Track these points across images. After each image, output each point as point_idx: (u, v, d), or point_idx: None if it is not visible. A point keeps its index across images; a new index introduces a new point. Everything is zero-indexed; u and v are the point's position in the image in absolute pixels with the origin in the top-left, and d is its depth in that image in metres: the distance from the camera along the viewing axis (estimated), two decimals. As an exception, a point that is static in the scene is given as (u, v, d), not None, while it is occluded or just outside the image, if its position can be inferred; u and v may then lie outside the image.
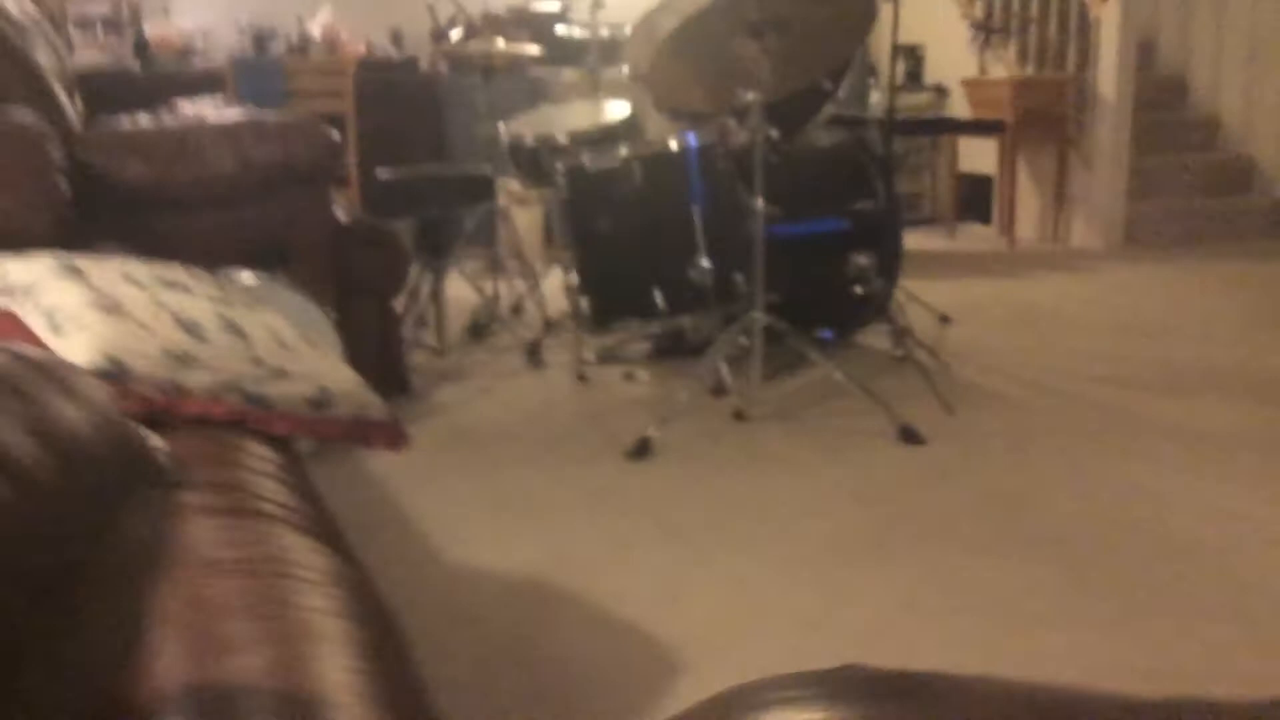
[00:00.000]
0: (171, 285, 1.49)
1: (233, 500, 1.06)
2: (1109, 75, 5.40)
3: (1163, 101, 6.08)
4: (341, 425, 1.44)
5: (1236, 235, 5.60)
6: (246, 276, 2.64)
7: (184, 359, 1.32)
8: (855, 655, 1.72)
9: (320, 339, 2.56)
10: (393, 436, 1.51)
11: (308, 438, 1.40)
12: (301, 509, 1.12)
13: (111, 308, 1.34)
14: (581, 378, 3.32)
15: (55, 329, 1.28)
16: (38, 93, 2.73)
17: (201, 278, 1.63)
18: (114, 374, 1.25)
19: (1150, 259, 5.18)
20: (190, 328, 1.38)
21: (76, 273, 1.41)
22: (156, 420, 1.24)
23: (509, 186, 4.54)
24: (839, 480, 2.51)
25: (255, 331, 1.46)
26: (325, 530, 1.12)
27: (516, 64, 5.17)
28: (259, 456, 1.23)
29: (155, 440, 0.74)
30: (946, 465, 2.59)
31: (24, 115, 2.53)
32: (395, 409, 2.63)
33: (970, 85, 5.86)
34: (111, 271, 1.46)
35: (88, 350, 1.26)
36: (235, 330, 1.43)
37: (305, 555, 0.98)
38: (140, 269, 1.51)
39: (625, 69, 4.28)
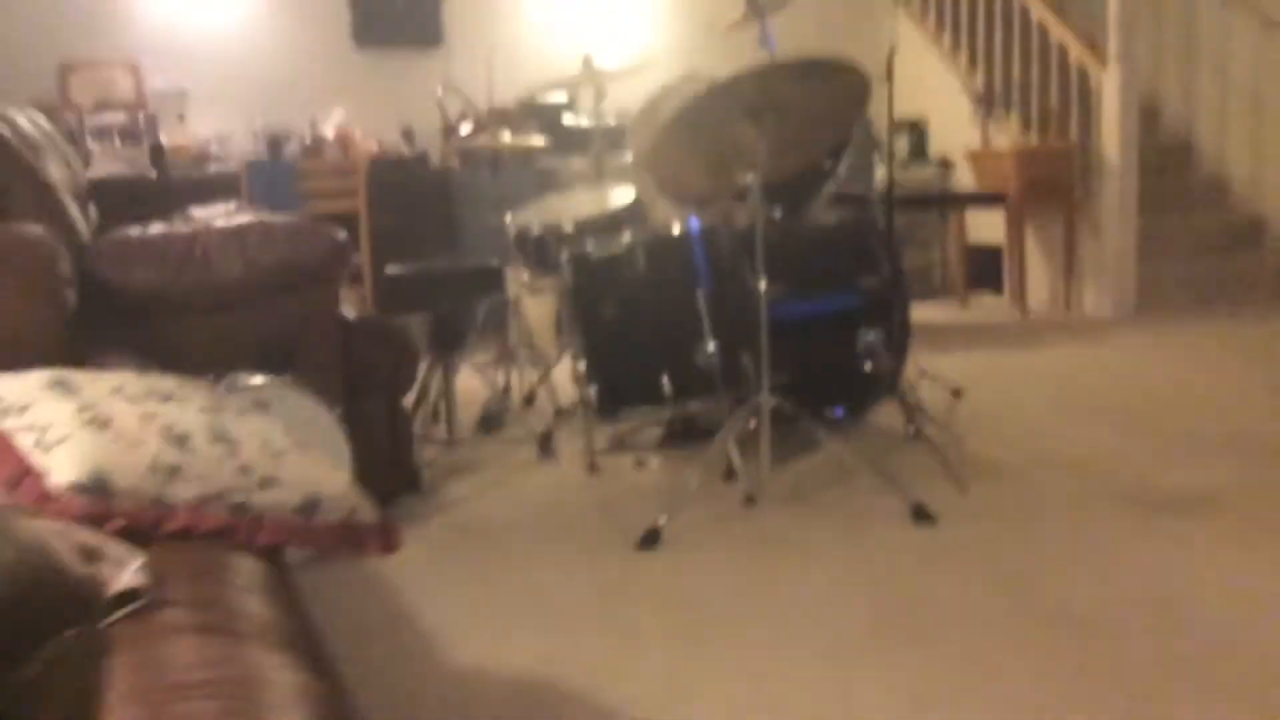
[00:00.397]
0: (164, 397, 1.50)
1: (208, 617, 1.05)
2: (1112, 141, 5.42)
3: (1169, 164, 6.10)
4: (331, 532, 1.44)
5: (1249, 294, 5.57)
6: (253, 379, 2.66)
7: (170, 472, 1.33)
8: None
9: (322, 441, 2.58)
10: (384, 541, 1.50)
11: (297, 547, 1.40)
12: (280, 624, 1.12)
13: (101, 423, 1.35)
14: (592, 467, 3.31)
15: (44, 446, 1.29)
16: (48, 207, 2.79)
17: (196, 387, 1.64)
18: (98, 490, 1.26)
19: (1163, 324, 5.15)
20: (178, 440, 1.39)
21: (68, 389, 1.43)
22: (140, 536, 1.24)
23: (519, 276, 4.58)
24: (851, 565, 2.48)
25: (245, 440, 1.46)
26: (303, 644, 1.11)
27: (525, 155, 5.26)
28: (241, 570, 1.23)
29: (126, 562, 0.74)
30: (960, 546, 2.55)
31: (33, 231, 2.58)
32: (400, 507, 2.63)
33: (974, 157, 5.90)
34: (104, 386, 1.48)
35: (73, 467, 1.27)
36: (225, 439, 1.44)
37: (277, 673, 0.97)
38: (134, 382, 1.53)
39: (629, 155, 4.34)
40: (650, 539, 2.67)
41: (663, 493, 3.00)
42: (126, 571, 1.02)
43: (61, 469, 1.27)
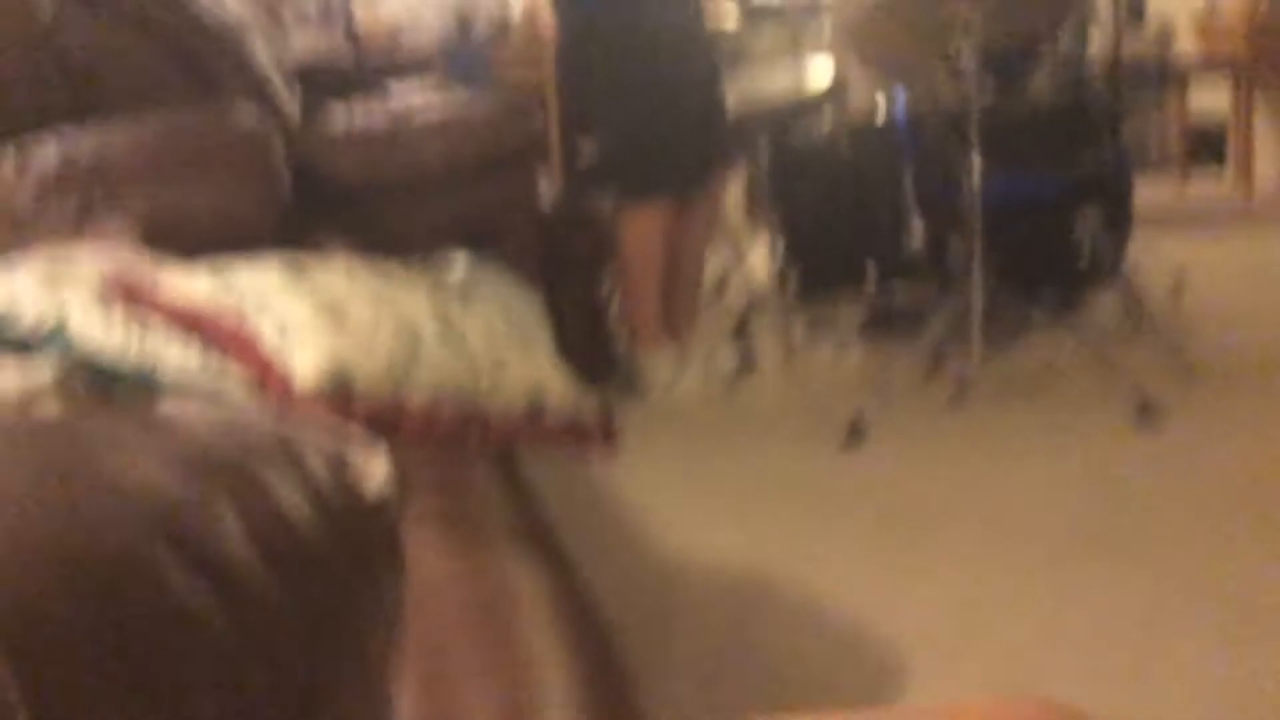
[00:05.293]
0: (392, 287, 1.51)
1: (455, 522, 1.06)
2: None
3: None
4: (557, 433, 1.43)
5: None
6: (460, 263, 2.69)
7: (405, 370, 1.34)
8: (1085, 671, 1.62)
9: (530, 329, 2.59)
10: (606, 439, 1.49)
11: (525, 445, 1.40)
12: (523, 525, 1.12)
13: (339, 318, 1.36)
14: (790, 353, 3.25)
15: (284, 342, 1.31)
16: (258, 92, 2.85)
17: (421, 277, 1.65)
18: (340, 390, 1.27)
19: None
20: (410, 336, 1.39)
21: (303, 277, 1.44)
22: (378, 435, 1.25)
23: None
24: (1070, 467, 2.37)
25: (471, 336, 1.46)
26: (547, 547, 1.11)
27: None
28: (479, 469, 1.23)
29: (381, 463, 0.73)
30: (1189, 449, 2.41)
31: (247, 115, 2.63)
32: (605, 402, 2.62)
33: (1199, 20, 5.43)
34: (338, 276, 1.49)
35: (314, 366, 1.28)
36: (453, 336, 1.43)
37: (528, 580, 0.96)
38: (363, 271, 1.54)
39: (828, 27, 4.14)
40: (855, 432, 2.61)
41: (865, 383, 2.93)
42: (377, 478, 1.03)
43: (303, 367, 1.28)
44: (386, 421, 1.28)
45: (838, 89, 3.50)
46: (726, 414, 2.89)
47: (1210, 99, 5.58)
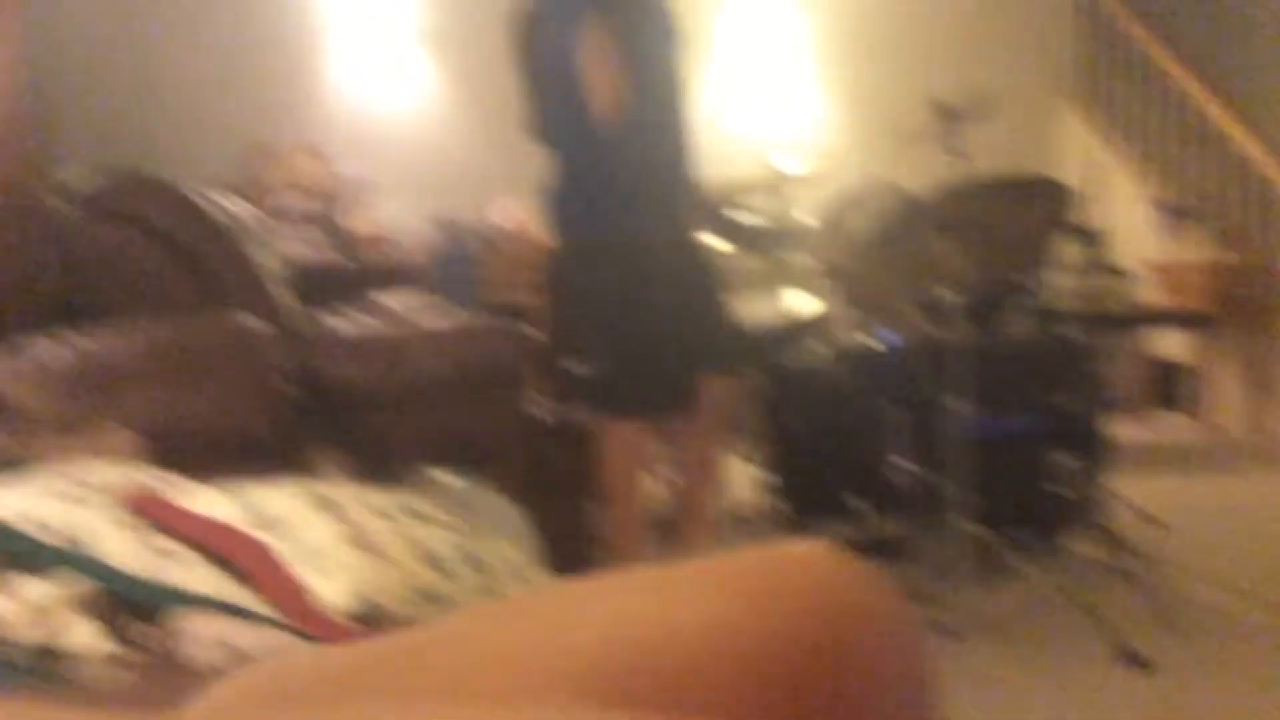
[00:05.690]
0: (414, 515, 1.49)
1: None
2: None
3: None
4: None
5: None
6: (449, 479, 2.68)
7: (432, 597, 1.32)
8: None
9: (524, 549, 2.56)
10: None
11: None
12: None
13: (364, 544, 1.34)
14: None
15: (317, 569, 1.29)
16: (258, 294, 2.88)
17: (438, 504, 1.64)
18: (369, 616, 1.24)
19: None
20: (434, 562, 1.38)
21: (329, 505, 1.43)
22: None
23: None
24: (1058, 706, 2.34)
25: (493, 564, 1.45)
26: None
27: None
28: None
29: None
30: (1178, 699, 2.39)
31: (250, 320, 2.66)
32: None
33: (1161, 269, 5.69)
34: (358, 502, 1.48)
35: (345, 592, 1.26)
36: (475, 563, 1.42)
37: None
38: (382, 498, 1.53)
39: (809, 261, 4.30)
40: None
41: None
42: None
43: (334, 594, 1.26)
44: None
45: (824, 320, 3.61)
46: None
47: (1167, 344, 5.80)
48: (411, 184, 5.98)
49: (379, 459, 2.53)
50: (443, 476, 2.60)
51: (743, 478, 3.61)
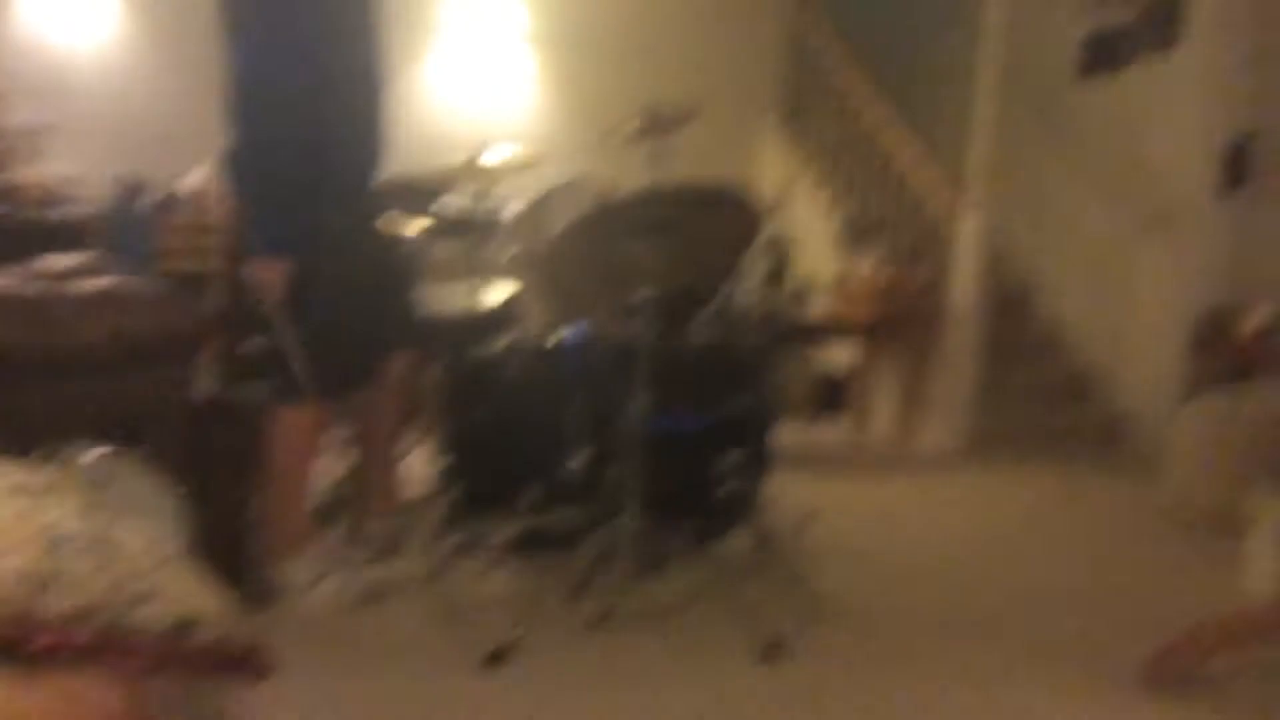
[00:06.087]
0: (41, 492, 1.38)
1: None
2: (966, 283, 5.69)
3: (1007, 313, 6.41)
4: (203, 656, 1.34)
5: (1077, 445, 5.83)
6: (97, 454, 2.50)
7: (42, 582, 1.22)
8: None
9: (170, 531, 2.43)
10: (257, 667, 1.40)
11: (166, 672, 1.30)
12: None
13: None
14: (438, 570, 3.21)
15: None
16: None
17: (63, 472, 1.52)
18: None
19: (1000, 465, 5.36)
20: (54, 544, 1.28)
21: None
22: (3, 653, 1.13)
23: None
24: (698, 702, 2.45)
25: (126, 545, 1.36)
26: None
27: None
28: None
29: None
30: (811, 686, 2.56)
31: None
32: (254, 623, 2.46)
33: (835, 284, 6.09)
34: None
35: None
36: (102, 545, 1.33)
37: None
38: (10, 473, 1.41)
39: (510, 252, 4.30)
40: (497, 655, 2.60)
41: (512, 605, 2.94)
42: None
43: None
44: (14, 636, 1.16)
45: (514, 310, 3.62)
46: (365, 630, 2.80)
47: (835, 355, 6.21)
48: (97, 138, 5.55)
49: (20, 431, 2.33)
50: (88, 451, 2.43)
51: (422, 461, 3.58)
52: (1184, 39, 5.60)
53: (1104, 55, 6.18)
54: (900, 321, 5.82)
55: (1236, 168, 5.40)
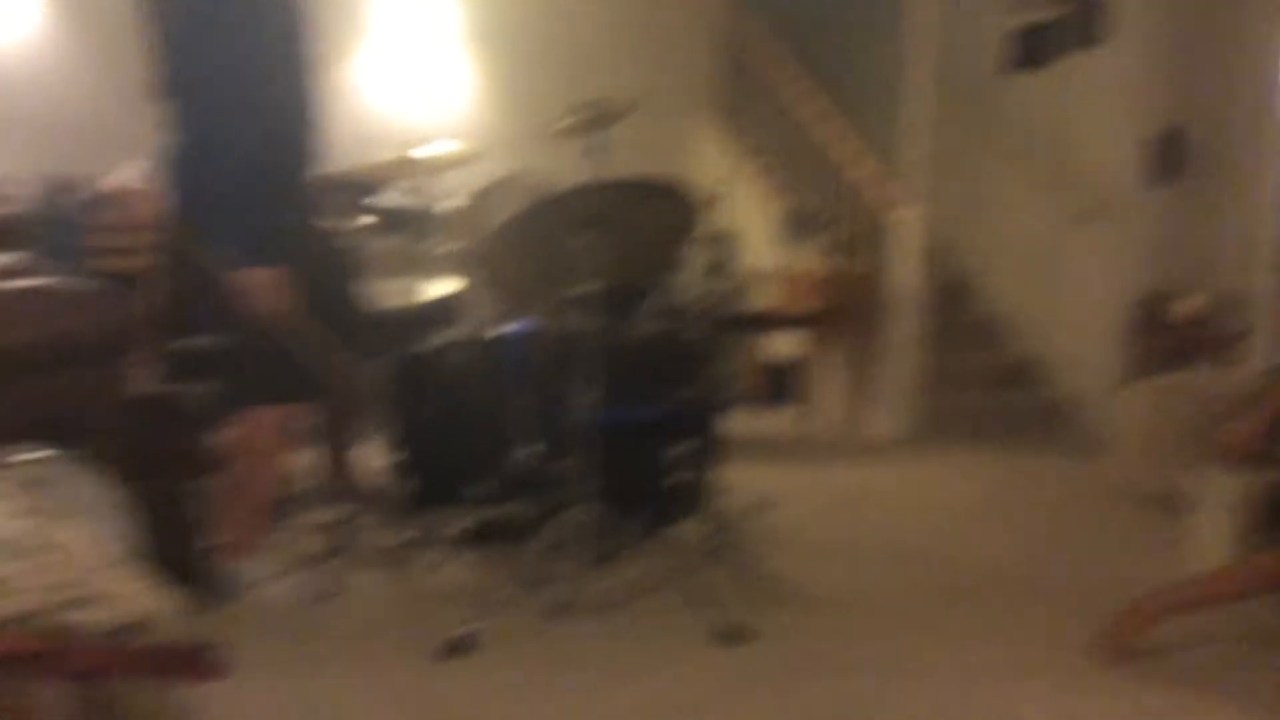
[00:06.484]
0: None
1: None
2: (906, 274, 5.74)
3: (947, 302, 6.48)
4: (146, 659, 1.29)
5: (1019, 430, 5.91)
6: (31, 455, 2.42)
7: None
8: None
9: (113, 533, 2.36)
10: (205, 667, 1.36)
11: (110, 675, 1.25)
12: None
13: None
14: (392, 562, 3.17)
15: None
16: None
17: (11, 483, 1.47)
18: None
19: (948, 450, 5.42)
20: (-9, 546, 1.23)
21: None
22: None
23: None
24: (655, 688, 2.44)
25: (71, 547, 1.32)
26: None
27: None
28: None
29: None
30: (766, 671, 2.55)
31: None
32: (210, 621, 2.42)
33: (779, 275, 6.12)
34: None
35: None
36: (42, 549, 1.28)
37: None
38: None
39: (452, 247, 4.25)
40: (453, 647, 2.57)
41: (467, 597, 2.91)
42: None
43: None
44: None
45: (454, 305, 3.58)
46: (322, 625, 2.76)
47: (782, 345, 6.24)
48: (22, 137, 5.41)
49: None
50: (26, 453, 2.36)
51: (375, 457, 3.54)
52: (1110, 34, 5.68)
53: (1033, 50, 6.27)
54: (843, 312, 5.86)
55: (1168, 159, 5.49)
